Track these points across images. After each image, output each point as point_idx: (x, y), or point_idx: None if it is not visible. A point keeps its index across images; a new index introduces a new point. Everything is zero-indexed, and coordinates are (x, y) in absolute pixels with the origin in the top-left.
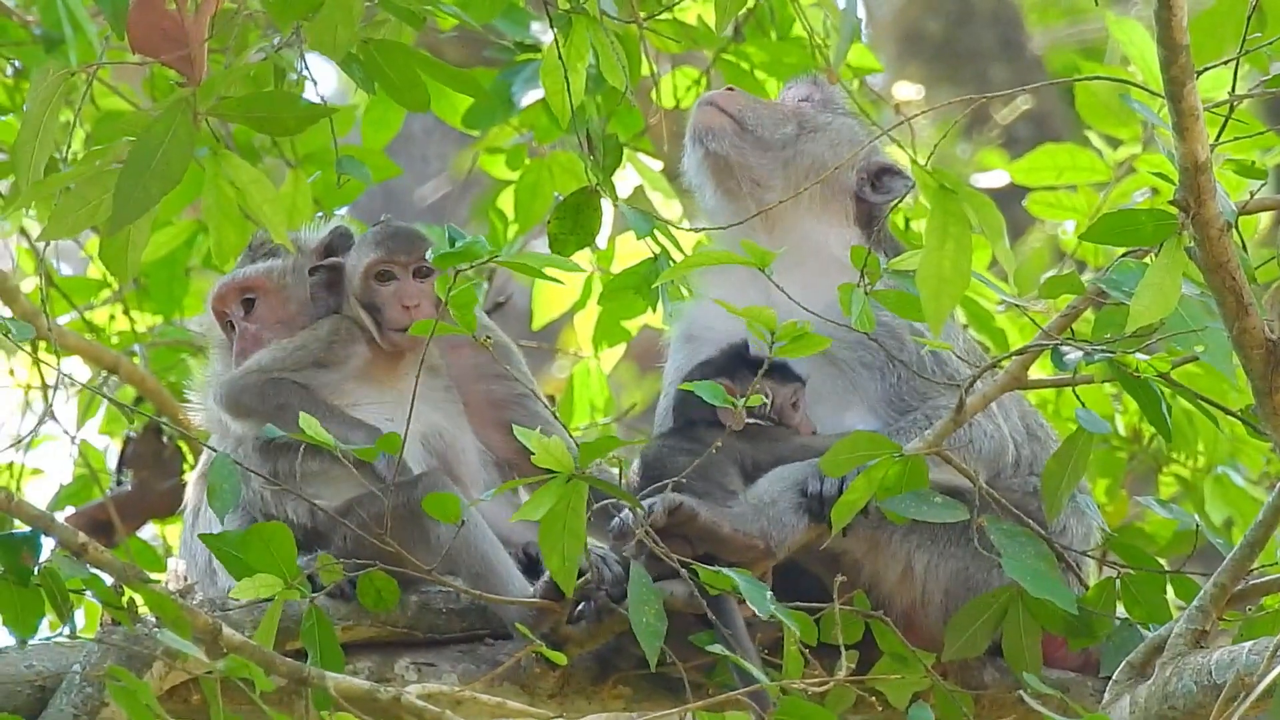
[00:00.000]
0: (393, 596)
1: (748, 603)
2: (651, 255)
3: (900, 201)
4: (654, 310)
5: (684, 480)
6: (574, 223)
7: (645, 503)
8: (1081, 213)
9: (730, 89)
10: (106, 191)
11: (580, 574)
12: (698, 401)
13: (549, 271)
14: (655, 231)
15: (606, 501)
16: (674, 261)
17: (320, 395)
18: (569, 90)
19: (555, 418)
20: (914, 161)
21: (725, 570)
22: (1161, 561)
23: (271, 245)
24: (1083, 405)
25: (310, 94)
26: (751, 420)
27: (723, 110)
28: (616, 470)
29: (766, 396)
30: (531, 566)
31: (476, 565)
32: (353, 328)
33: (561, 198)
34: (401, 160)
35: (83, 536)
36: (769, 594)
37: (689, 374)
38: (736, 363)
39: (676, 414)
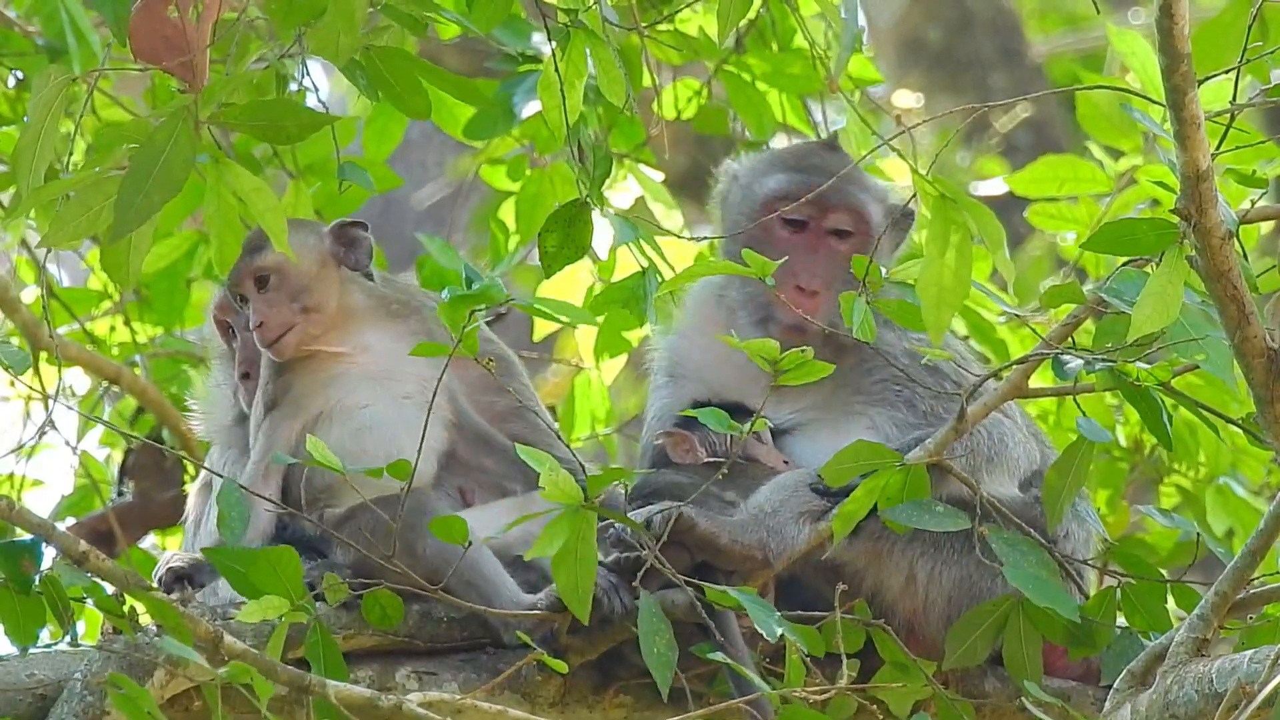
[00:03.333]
0: (398, 614)
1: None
2: (641, 269)
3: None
4: (642, 326)
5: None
6: (565, 236)
7: (645, 510)
8: (1082, 224)
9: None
10: (108, 198)
11: None
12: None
13: (554, 285)
14: (644, 242)
15: (608, 523)
16: (662, 276)
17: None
18: (565, 106)
19: (557, 432)
20: (914, 170)
21: (730, 590)
22: (1162, 571)
23: None
24: (1084, 414)
25: (312, 103)
26: (712, 460)
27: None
28: (622, 489)
29: (716, 440)
30: None
31: (467, 573)
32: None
33: (558, 206)
34: (400, 166)
35: (83, 544)
36: (776, 615)
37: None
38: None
39: (656, 460)
